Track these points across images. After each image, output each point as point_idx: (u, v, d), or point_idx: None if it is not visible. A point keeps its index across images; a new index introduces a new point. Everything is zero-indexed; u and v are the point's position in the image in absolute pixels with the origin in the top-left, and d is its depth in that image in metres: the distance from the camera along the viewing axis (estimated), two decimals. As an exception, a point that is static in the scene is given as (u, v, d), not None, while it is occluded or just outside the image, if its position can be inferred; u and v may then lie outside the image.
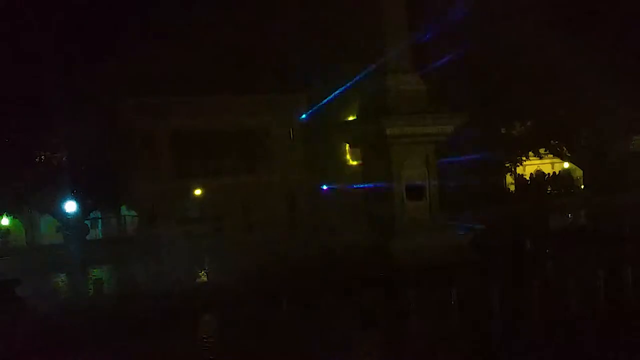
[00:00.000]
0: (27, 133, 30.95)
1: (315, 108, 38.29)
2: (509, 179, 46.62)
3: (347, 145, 34.80)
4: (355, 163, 38.84)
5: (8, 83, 28.00)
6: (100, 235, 39.51)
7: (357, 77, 22.44)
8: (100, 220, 40.16)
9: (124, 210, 39.97)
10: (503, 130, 40.53)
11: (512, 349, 11.72)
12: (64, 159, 33.52)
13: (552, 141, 42.10)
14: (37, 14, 29.00)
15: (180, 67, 34.34)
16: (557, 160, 47.09)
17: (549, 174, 46.79)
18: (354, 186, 25.76)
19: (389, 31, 20.53)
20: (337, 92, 30.80)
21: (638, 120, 37.40)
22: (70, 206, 33.87)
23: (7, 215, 36.90)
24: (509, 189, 45.96)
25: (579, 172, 45.48)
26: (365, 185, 22.30)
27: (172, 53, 32.57)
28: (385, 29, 20.57)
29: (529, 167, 47.04)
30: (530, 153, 43.64)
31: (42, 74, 28.76)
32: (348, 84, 25.31)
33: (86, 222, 36.59)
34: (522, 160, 44.10)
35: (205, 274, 22.36)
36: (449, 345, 12.38)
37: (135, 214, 39.85)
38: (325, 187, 39.80)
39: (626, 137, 40.82)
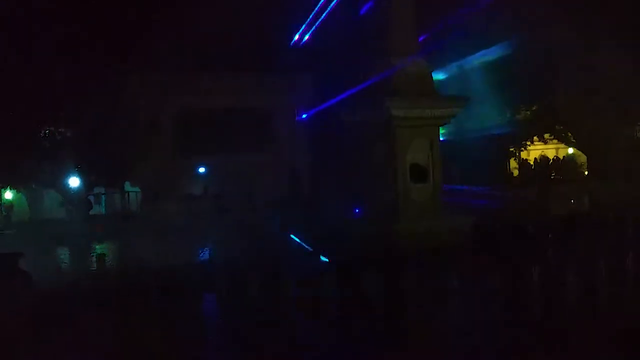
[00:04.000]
0: (32, 108, 30.95)
1: (320, 89, 38.23)
2: (513, 163, 46.54)
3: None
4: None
5: (13, 59, 28.00)
6: (104, 211, 39.62)
7: (363, 58, 22.37)
8: (103, 196, 40.24)
9: (127, 186, 40.05)
10: (508, 115, 40.39)
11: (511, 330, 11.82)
12: (68, 134, 33.52)
13: (557, 126, 41.94)
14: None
15: (186, 44, 34.28)
16: (561, 145, 46.94)
17: (554, 157, 46.67)
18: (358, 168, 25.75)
19: (396, 11, 20.45)
20: (344, 72, 30.69)
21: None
22: (74, 181, 33.96)
23: (10, 190, 36.97)
24: (513, 173, 45.91)
25: (583, 158, 45.34)
26: (369, 167, 22.30)
27: (178, 29, 32.49)
28: (392, 9, 20.50)
29: (533, 151, 46.89)
30: (535, 138, 43.51)
31: (47, 50, 28.74)
32: (354, 64, 25.23)
33: (89, 197, 36.67)
34: (526, 144, 43.99)
35: (207, 251, 22.48)
36: (453, 326, 12.52)
37: (139, 190, 39.95)
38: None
39: (632, 124, 40.61)
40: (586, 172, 44.69)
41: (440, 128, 21.29)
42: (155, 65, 35.29)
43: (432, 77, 21.16)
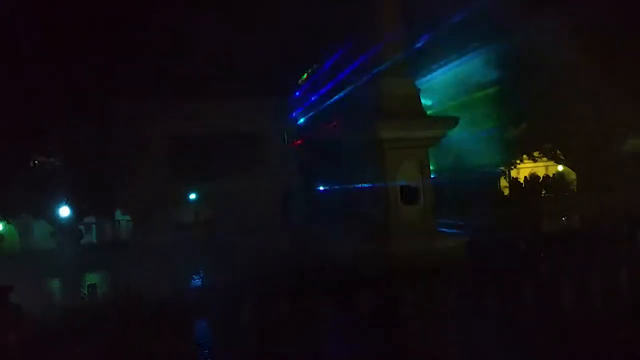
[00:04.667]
0: (23, 137, 30.87)
1: (308, 111, 38.33)
2: (503, 182, 46.71)
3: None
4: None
5: (3, 87, 27.95)
6: (95, 240, 39.42)
7: (350, 81, 22.47)
8: (94, 225, 40.05)
9: (118, 214, 39.90)
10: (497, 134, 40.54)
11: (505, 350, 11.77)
12: (58, 163, 33.43)
13: (546, 144, 42.18)
14: (31, 18, 28.89)
15: (175, 71, 34.35)
16: (551, 163, 47.16)
17: (544, 175, 46.85)
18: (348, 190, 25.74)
19: (386, 34, 20.57)
20: (330, 95, 30.80)
21: (631, 122, 37.43)
22: (64, 211, 33.82)
23: (0, 221, 36.76)
24: (503, 192, 46.04)
25: (573, 175, 45.56)
26: (359, 189, 22.32)
27: (167, 57, 32.60)
28: (379, 32, 20.61)
29: (523, 170, 47.10)
30: (524, 156, 43.72)
31: (38, 78, 28.72)
32: (341, 88, 25.33)
33: (80, 227, 36.50)
34: (516, 163, 44.19)
35: (199, 278, 22.35)
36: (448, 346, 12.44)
37: (130, 218, 39.79)
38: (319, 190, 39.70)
39: (620, 139, 40.85)
40: (576, 189, 44.85)
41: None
42: (145, 92, 35.32)
43: (420, 98, 21.26)
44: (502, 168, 43.87)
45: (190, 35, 33.01)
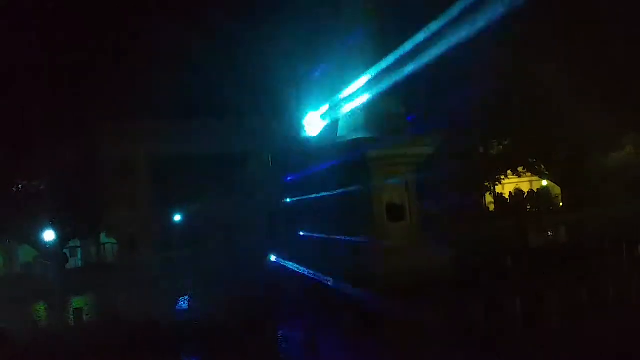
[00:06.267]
0: (5, 160, 30.67)
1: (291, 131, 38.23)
2: (489, 197, 46.88)
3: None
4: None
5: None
6: (80, 264, 39.11)
7: (335, 99, 22.47)
8: (79, 249, 39.77)
9: (103, 237, 39.64)
10: (481, 150, 40.80)
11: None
12: (41, 187, 33.22)
13: (530, 159, 42.43)
14: (14, 39, 28.81)
15: (158, 92, 34.30)
16: (535, 178, 47.45)
17: (529, 190, 47.09)
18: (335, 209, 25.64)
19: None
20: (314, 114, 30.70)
21: (614, 136, 37.78)
22: (49, 235, 33.56)
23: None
24: (489, 208, 46.22)
25: (557, 190, 45.83)
26: (346, 208, 22.28)
27: (150, 78, 32.55)
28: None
29: (508, 185, 47.34)
30: (509, 171, 43.93)
31: (19, 100, 28.59)
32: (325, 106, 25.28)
33: (65, 250, 36.21)
34: (501, 179, 44.37)
35: (186, 300, 22.17)
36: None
37: (115, 241, 39.54)
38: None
39: (603, 153, 41.17)
40: (561, 203, 45.12)
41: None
42: (128, 114, 35.22)
43: (404, 116, 21.31)
44: (486, 184, 44.04)
45: (177, 56, 33.04)
